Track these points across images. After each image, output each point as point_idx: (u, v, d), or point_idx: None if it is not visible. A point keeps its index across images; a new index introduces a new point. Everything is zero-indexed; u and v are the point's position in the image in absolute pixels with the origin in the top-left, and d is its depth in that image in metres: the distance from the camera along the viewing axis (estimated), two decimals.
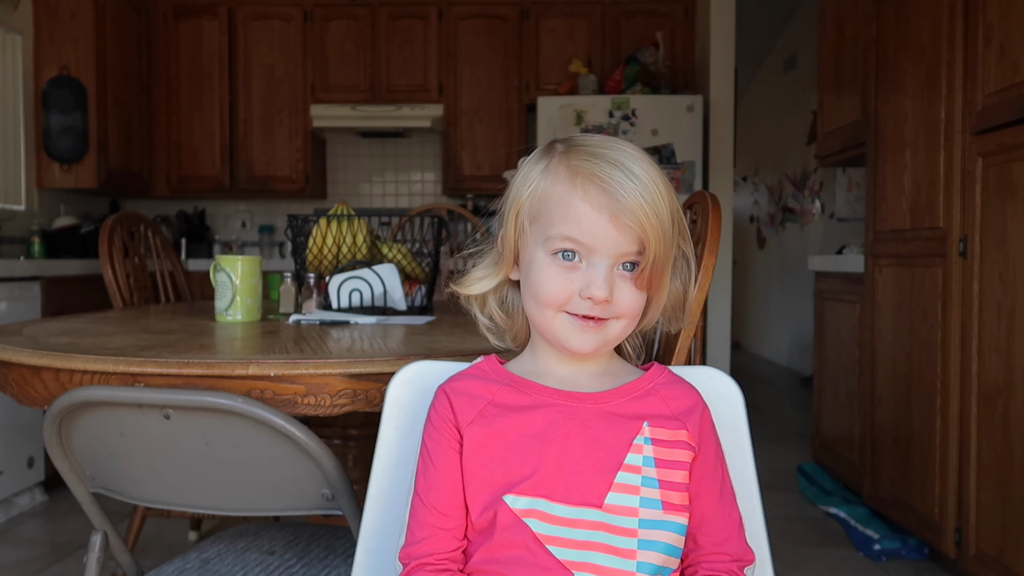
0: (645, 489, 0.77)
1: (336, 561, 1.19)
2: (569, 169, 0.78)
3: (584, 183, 0.76)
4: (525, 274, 0.82)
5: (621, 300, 0.78)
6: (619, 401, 0.81)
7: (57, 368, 1.10)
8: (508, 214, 0.83)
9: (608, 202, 0.75)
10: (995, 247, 2.00)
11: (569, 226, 0.76)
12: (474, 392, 0.82)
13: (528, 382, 0.82)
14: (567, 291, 0.77)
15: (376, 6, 4.52)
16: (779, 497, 3.02)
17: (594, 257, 0.77)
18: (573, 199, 0.77)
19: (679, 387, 0.84)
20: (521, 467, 0.77)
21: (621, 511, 0.76)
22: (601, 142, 0.79)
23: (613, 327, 0.79)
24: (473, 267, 0.88)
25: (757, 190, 7.11)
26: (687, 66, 4.53)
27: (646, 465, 0.78)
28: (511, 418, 0.80)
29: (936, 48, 2.26)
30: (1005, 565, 1.93)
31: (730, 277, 4.35)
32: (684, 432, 0.80)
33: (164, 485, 1.10)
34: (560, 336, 0.79)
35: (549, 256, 0.78)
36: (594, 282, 0.76)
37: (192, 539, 2.53)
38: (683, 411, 0.81)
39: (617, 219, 0.75)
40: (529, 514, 0.76)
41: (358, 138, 4.79)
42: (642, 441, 0.79)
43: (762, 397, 5.03)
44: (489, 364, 0.86)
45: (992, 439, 2.01)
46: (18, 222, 3.68)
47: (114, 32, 4.01)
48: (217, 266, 1.69)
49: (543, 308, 0.79)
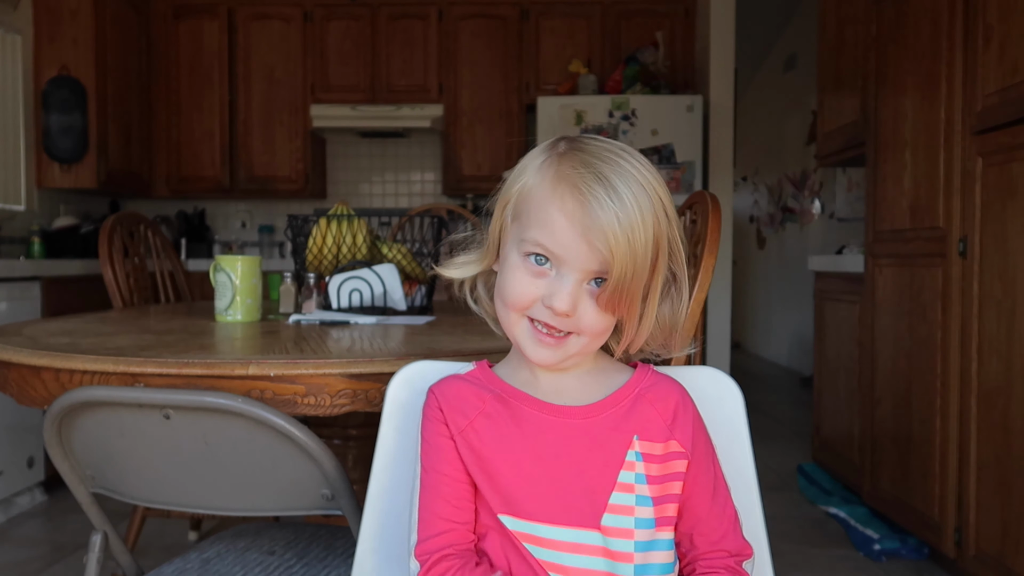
0: (639, 509, 0.77)
1: (336, 561, 1.19)
2: (556, 173, 0.76)
3: (564, 192, 0.74)
4: (500, 270, 0.81)
5: (583, 316, 0.76)
6: (608, 414, 0.80)
7: (57, 368, 1.10)
8: (496, 207, 0.82)
9: (582, 217, 0.73)
10: (995, 247, 2.00)
11: (543, 233, 0.75)
12: (466, 399, 0.81)
13: (519, 393, 0.81)
14: (531, 296, 0.76)
15: (376, 6, 4.52)
16: (779, 497, 3.02)
17: (563, 268, 0.75)
18: (551, 206, 0.75)
19: (664, 386, 0.83)
20: (512, 482, 0.77)
21: (617, 533, 0.76)
22: (601, 151, 0.76)
23: (573, 343, 0.78)
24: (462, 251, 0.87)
25: (757, 190, 7.11)
26: (687, 66, 4.53)
27: (638, 483, 0.78)
28: (501, 430, 0.79)
29: (936, 48, 2.26)
30: (1005, 565, 1.93)
31: (730, 277, 4.36)
32: (674, 442, 0.79)
33: (164, 485, 1.10)
34: (520, 343, 0.79)
35: (521, 257, 0.77)
36: (557, 293, 0.75)
37: (192, 539, 2.53)
38: (672, 415, 0.80)
39: (587, 235, 0.73)
40: (528, 539, 0.76)
41: (358, 138, 4.79)
42: (633, 457, 0.78)
43: (762, 397, 5.03)
44: (481, 371, 0.85)
45: (992, 439, 2.01)
46: (18, 222, 3.68)
47: (114, 32, 4.01)
48: (217, 266, 1.69)
49: (508, 310, 0.79)
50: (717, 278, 4.11)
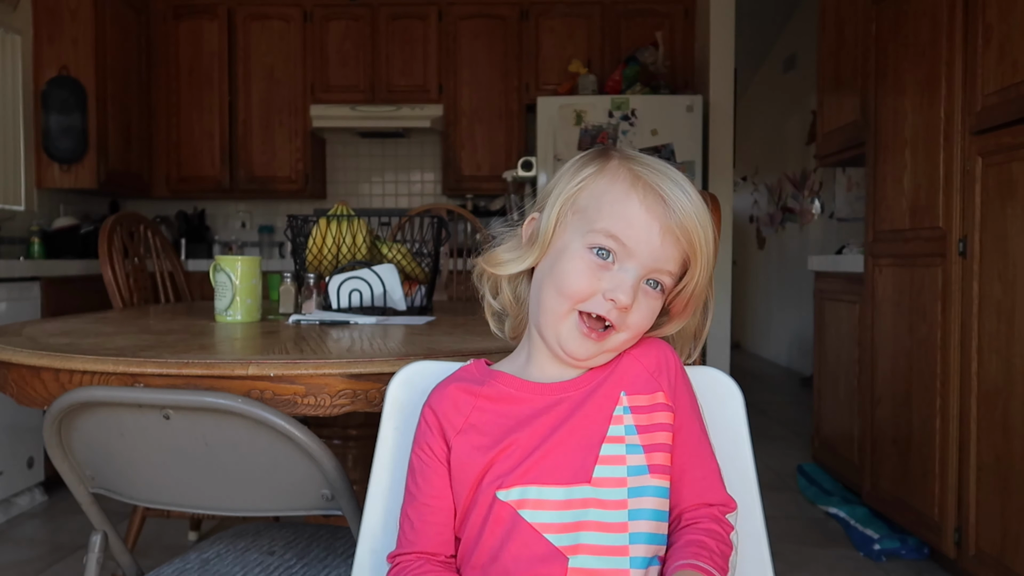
0: (631, 457, 0.78)
1: (336, 561, 1.19)
2: (631, 172, 0.79)
3: (645, 188, 0.78)
4: (552, 262, 0.81)
5: (636, 313, 0.78)
6: (596, 379, 0.82)
7: (57, 368, 1.10)
8: (553, 203, 0.82)
9: (664, 212, 0.77)
10: (995, 247, 2.00)
11: (618, 223, 0.77)
12: (459, 398, 0.82)
13: (512, 378, 0.83)
14: (592, 287, 0.77)
15: (376, 6, 4.52)
16: (779, 497, 3.02)
17: (628, 263, 0.77)
18: (631, 199, 0.78)
19: (647, 343, 0.84)
20: (508, 459, 0.78)
21: (610, 483, 0.77)
22: (655, 160, 0.82)
23: (612, 340, 0.79)
24: (499, 247, 0.86)
25: (757, 190, 7.11)
26: (687, 66, 4.53)
27: (628, 434, 0.79)
28: (496, 418, 0.81)
29: (936, 48, 2.26)
30: (1005, 565, 1.93)
31: (730, 277, 4.36)
32: (660, 394, 0.81)
33: (164, 485, 1.10)
34: (561, 336, 0.79)
35: (584, 249, 0.78)
36: (621, 286, 0.76)
37: (192, 539, 2.53)
38: (655, 367, 0.82)
39: (668, 230, 0.77)
40: (523, 504, 0.77)
41: (358, 138, 4.79)
42: (621, 411, 0.80)
43: (762, 397, 5.03)
44: (476, 366, 0.87)
45: (992, 439, 2.01)
46: (18, 222, 3.68)
47: (114, 32, 4.01)
48: (217, 266, 1.69)
49: (562, 299, 0.79)
50: (717, 278, 4.09)
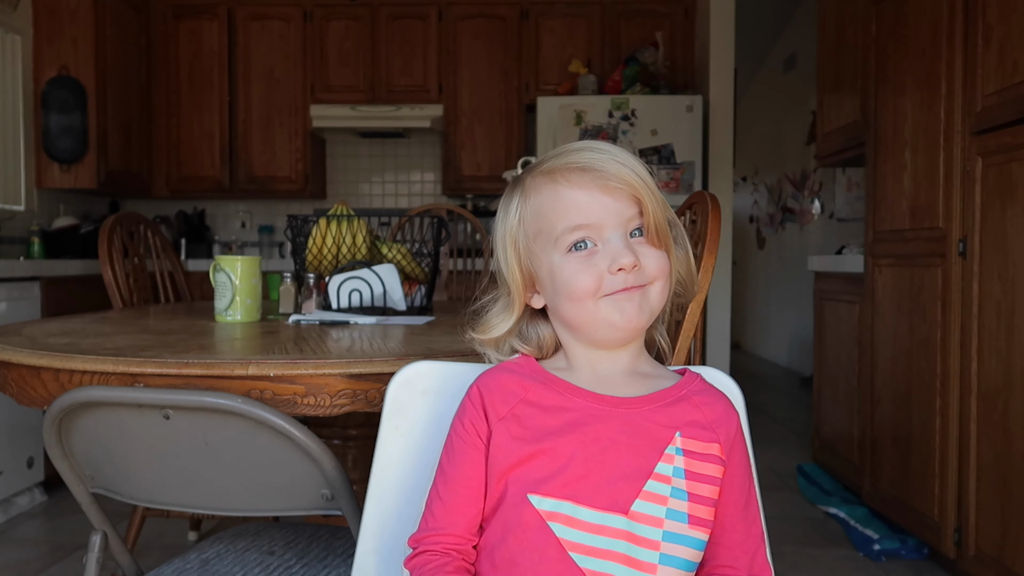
0: (673, 500, 0.77)
1: (336, 561, 1.19)
2: (544, 175, 0.81)
3: (564, 175, 0.80)
4: (550, 285, 0.82)
5: (648, 262, 0.79)
6: (651, 407, 0.80)
7: (57, 368, 1.10)
8: (505, 248, 0.84)
9: (592, 177, 0.78)
10: (994, 247, 2.00)
11: (571, 215, 0.78)
12: (508, 387, 0.81)
13: (562, 381, 0.82)
14: (596, 275, 0.78)
15: (376, 6, 4.52)
16: (779, 497, 3.02)
17: (605, 233, 0.78)
18: (562, 191, 0.79)
19: (712, 394, 0.83)
20: (548, 465, 0.77)
21: (646, 520, 0.76)
22: (556, 149, 0.83)
23: (652, 292, 0.80)
24: (485, 313, 0.88)
25: (757, 190, 7.11)
26: (687, 66, 4.53)
27: (676, 476, 0.77)
28: (541, 416, 0.79)
29: (936, 48, 2.26)
30: (1005, 565, 1.93)
31: (730, 277, 4.36)
32: (716, 446, 0.79)
33: (164, 485, 1.10)
34: (609, 319, 0.79)
35: (565, 255, 0.79)
36: (616, 254, 0.77)
37: (192, 539, 2.53)
38: (716, 420, 0.80)
39: (606, 188, 0.78)
40: (554, 517, 0.75)
41: (358, 138, 4.79)
42: (673, 451, 0.78)
43: (762, 397, 5.03)
44: (526, 360, 0.85)
45: (992, 439, 2.01)
46: (18, 222, 3.68)
47: (114, 32, 4.01)
48: (217, 266, 1.69)
49: (582, 302, 0.79)
50: (717, 278, 4.11)
